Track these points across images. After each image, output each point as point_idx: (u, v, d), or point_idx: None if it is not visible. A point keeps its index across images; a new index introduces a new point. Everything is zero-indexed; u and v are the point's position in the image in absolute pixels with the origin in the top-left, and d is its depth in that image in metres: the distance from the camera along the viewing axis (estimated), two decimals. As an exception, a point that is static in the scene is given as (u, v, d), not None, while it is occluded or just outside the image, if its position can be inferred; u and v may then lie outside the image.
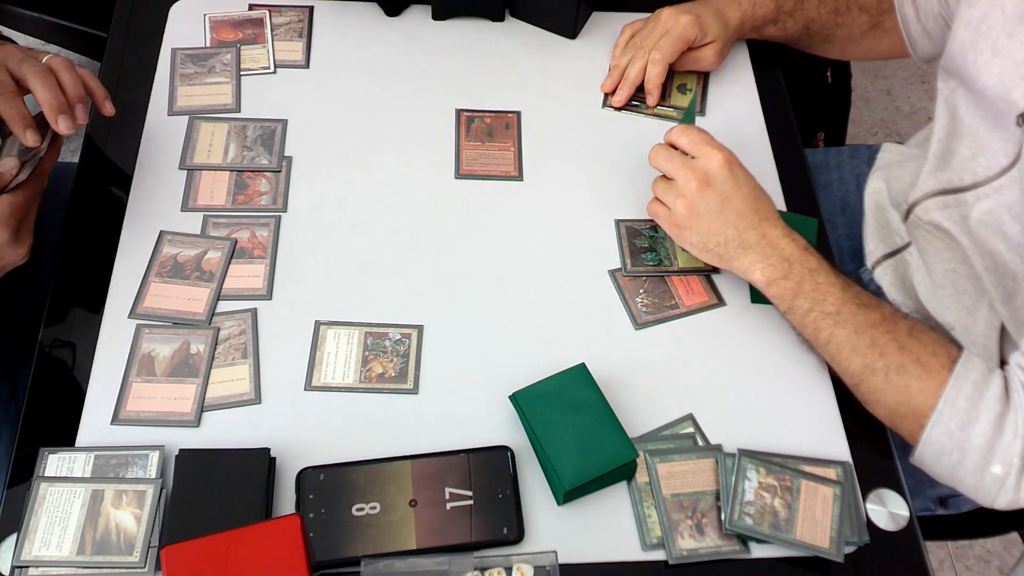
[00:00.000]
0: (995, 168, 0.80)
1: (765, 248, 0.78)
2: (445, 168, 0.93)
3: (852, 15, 0.99)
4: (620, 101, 0.97)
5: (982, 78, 0.80)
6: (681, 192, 0.79)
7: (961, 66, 0.83)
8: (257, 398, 0.76)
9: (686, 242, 0.82)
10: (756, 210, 0.79)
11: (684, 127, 0.82)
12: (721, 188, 0.78)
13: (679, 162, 0.80)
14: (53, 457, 0.71)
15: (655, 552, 0.71)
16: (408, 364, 0.79)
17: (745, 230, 0.78)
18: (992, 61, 0.79)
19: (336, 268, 0.85)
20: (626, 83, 0.97)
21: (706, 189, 0.78)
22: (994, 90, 0.79)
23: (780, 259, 0.77)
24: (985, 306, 0.85)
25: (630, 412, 0.77)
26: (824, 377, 0.81)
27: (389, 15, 1.05)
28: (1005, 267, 0.80)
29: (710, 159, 0.79)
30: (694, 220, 0.79)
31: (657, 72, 0.95)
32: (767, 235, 0.78)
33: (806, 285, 0.76)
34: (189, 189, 0.89)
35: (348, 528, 0.68)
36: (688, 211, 0.79)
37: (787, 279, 0.76)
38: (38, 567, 0.67)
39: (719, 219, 0.78)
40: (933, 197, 0.88)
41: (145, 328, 0.79)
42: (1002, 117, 0.79)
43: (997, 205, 0.80)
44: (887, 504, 0.74)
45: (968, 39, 0.82)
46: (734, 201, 0.78)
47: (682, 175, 0.79)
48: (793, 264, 0.77)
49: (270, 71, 0.99)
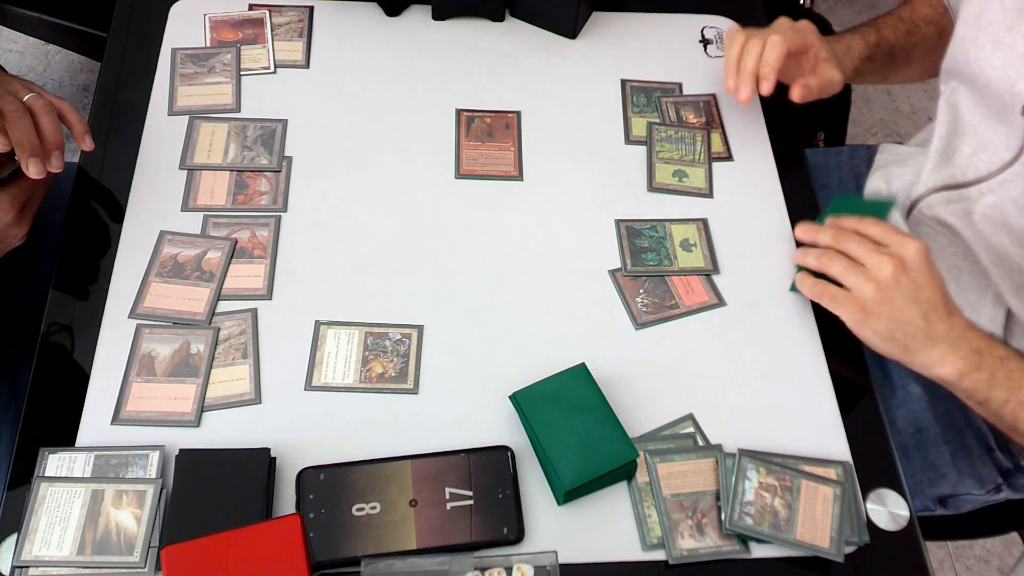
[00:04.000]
0: (998, 163, 0.81)
1: (954, 340, 0.74)
2: (445, 168, 0.93)
3: (921, 29, 0.97)
4: (745, 96, 0.87)
5: (985, 72, 0.80)
6: (873, 275, 0.74)
7: (963, 63, 0.83)
8: (257, 398, 0.76)
9: (869, 329, 0.76)
10: (945, 303, 0.75)
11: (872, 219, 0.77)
12: (916, 276, 0.74)
13: (872, 248, 0.75)
14: (53, 457, 0.71)
15: (655, 552, 0.71)
16: (408, 364, 0.79)
17: (935, 322, 0.74)
18: (993, 54, 0.79)
19: (336, 268, 0.85)
20: (744, 74, 0.87)
21: (902, 275, 0.73)
22: (998, 83, 0.79)
23: (970, 351, 0.73)
24: (989, 301, 0.85)
25: (630, 412, 0.77)
26: (824, 377, 0.81)
27: (389, 15, 1.05)
28: (1011, 260, 0.81)
29: (906, 246, 0.74)
30: (885, 306, 0.74)
31: (775, 56, 0.84)
32: (955, 327, 0.74)
33: (999, 375, 0.73)
34: (189, 189, 0.89)
35: (348, 528, 0.68)
36: (880, 295, 0.74)
37: (979, 371, 0.73)
38: (38, 567, 0.67)
39: (911, 308, 0.74)
40: (937, 193, 0.89)
41: (145, 328, 0.79)
42: (1006, 110, 0.79)
43: (1002, 199, 0.80)
44: (887, 504, 0.74)
45: (968, 35, 0.82)
46: (927, 291, 0.74)
47: (875, 259, 0.74)
48: (984, 355, 0.73)
49: (270, 71, 0.99)
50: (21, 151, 0.72)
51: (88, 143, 0.78)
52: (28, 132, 0.72)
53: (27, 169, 0.72)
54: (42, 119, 0.74)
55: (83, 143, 0.78)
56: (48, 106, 0.75)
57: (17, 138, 0.72)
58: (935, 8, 0.99)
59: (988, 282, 0.85)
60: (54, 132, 0.74)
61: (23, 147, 0.72)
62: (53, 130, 0.74)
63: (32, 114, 0.74)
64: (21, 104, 0.73)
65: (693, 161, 0.95)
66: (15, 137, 0.72)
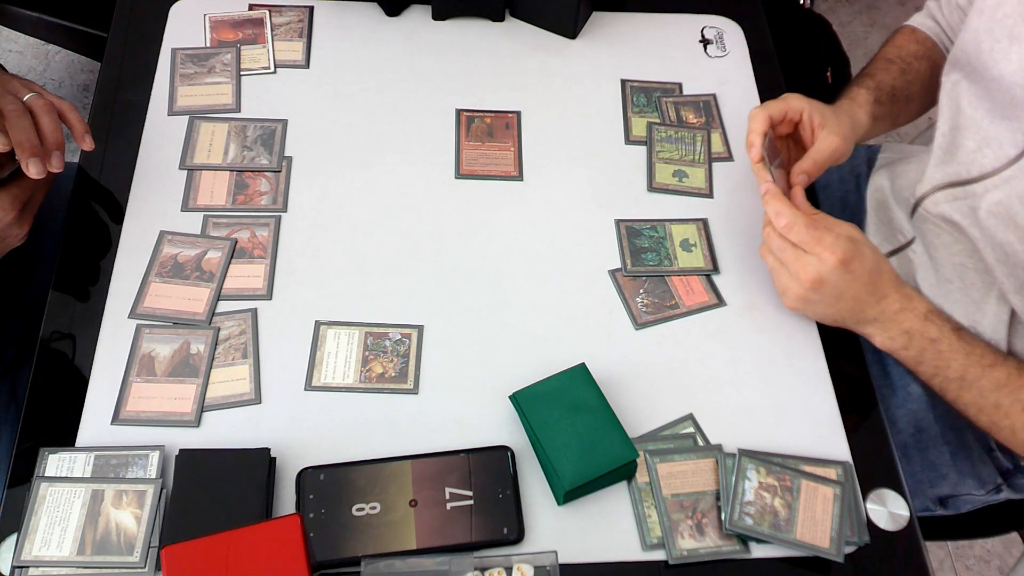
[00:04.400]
0: (1003, 159, 0.80)
1: (884, 323, 0.78)
2: (445, 168, 0.93)
3: (913, 66, 0.98)
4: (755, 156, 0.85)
5: (998, 66, 0.80)
6: (795, 278, 0.78)
7: (974, 55, 0.83)
8: (257, 398, 0.76)
9: (809, 313, 0.82)
10: (873, 292, 0.78)
11: (792, 221, 0.77)
12: (837, 282, 0.77)
13: (791, 255, 0.78)
14: (53, 457, 0.71)
15: (655, 552, 0.71)
16: (408, 364, 0.79)
17: (862, 310, 0.79)
18: (1010, 48, 0.79)
19: (336, 268, 0.85)
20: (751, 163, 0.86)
21: (821, 286, 0.77)
22: (1012, 77, 0.78)
23: (899, 332, 0.78)
24: (993, 299, 0.85)
25: (630, 412, 0.77)
26: (824, 377, 0.81)
27: (389, 15, 1.05)
28: (1017, 258, 0.81)
29: (823, 259, 0.76)
30: (808, 306, 0.80)
31: (757, 122, 0.85)
32: (886, 310, 0.78)
33: (927, 355, 0.78)
34: (189, 189, 0.89)
35: (348, 528, 0.68)
36: (801, 301, 0.80)
37: (907, 350, 0.78)
38: (38, 567, 0.67)
39: (834, 306, 0.79)
40: (942, 190, 0.88)
41: (145, 328, 0.79)
42: (1016, 106, 0.79)
43: (1008, 196, 0.80)
44: (887, 504, 0.75)
45: (983, 27, 0.82)
46: (850, 290, 0.77)
47: (795, 268, 0.78)
48: (912, 336, 0.78)
49: (270, 71, 0.99)
50: (21, 151, 0.72)
51: (88, 143, 0.78)
52: (28, 132, 0.72)
53: (27, 169, 0.72)
54: (42, 119, 0.74)
55: (83, 143, 0.78)
56: (48, 106, 0.75)
57: (17, 138, 0.72)
58: (923, 44, 0.99)
59: (993, 280, 0.85)
60: (54, 132, 0.74)
61: (23, 147, 0.72)
62: (53, 130, 0.74)
63: (32, 114, 0.74)
64: (21, 104, 0.73)
65: (693, 161, 0.95)
66: (15, 137, 0.72)
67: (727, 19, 1.09)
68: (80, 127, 0.78)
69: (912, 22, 1.02)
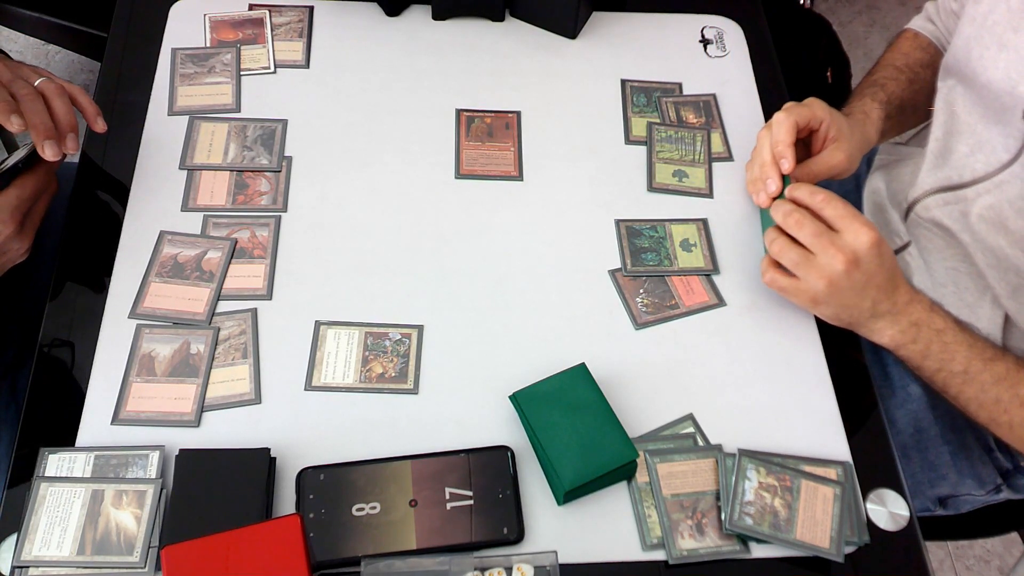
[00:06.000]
0: (995, 164, 0.81)
1: (896, 315, 0.78)
2: (445, 168, 0.93)
3: (921, 75, 0.98)
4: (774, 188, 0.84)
5: (987, 73, 0.80)
6: (824, 272, 0.76)
7: (964, 62, 0.83)
8: (257, 398, 0.76)
9: (818, 312, 0.81)
10: (892, 281, 0.78)
11: (829, 195, 0.77)
12: (867, 267, 0.76)
13: (826, 239, 0.76)
14: (53, 457, 0.71)
15: (655, 552, 0.71)
16: (408, 364, 0.79)
17: (880, 302, 0.78)
18: (998, 56, 0.79)
19: (336, 268, 0.85)
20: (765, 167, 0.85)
21: (854, 270, 0.75)
22: (1000, 84, 0.79)
23: (908, 324, 0.78)
24: (987, 303, 0.85)
25: (630, 412, 0.77)
26: (824, 377, 0.81)
27: (389, 15, 1.05)
28: (1008, 262, 0.81)
29: (859, 237, 0.75)
30: (834, 297, 0.77)
31: (784, 131, 0.84)
32: (898, 302, 0.78)
33: (934, 347, 0.78)
34: (189, 189, 0.89)
35: (348, 528, 0.68)
36: (830, 290, 0.76)
37: (915, 343, 0.78)
38: (38, 567, 0.67)
39: (860, 296, 0.77)
40: (933, 195, 0.89)
41: (145, 328, 0.79)
42: (1005, 112, 0.79)
43: (999, 200, 0.80)
44: (887, 504, 0.75)
45: (973, 34, 0.82)
46: (877, 279, 0.77)
47: (828, 254, 0.75)
48: (921, 328, 0.78)
49: (270, 71, 0.99)
50: (36, 133, 0.72)
51: (101, 124, 0.79)
52: (43, 115, 0.73)
53: (43, 152, 0.73)
54: (54, 102, 0.75)
55: (95, 125, 0.79)
56: (60, 89, 0.76)
57: (32, 121, 0.72)
58: (927, 51, 0.99)
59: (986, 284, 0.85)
60: (67, 114, 0.75)
61: (38, 129, 0.72)
62: (66, 112, 0.75)
63: (44, 98, 0.75)
64: (33, 88, 0.74)
65: (693, 161, 0.95)
66: (30, 120, 0.72)
67: (727, 19, 1.09)
68: (92, 109, 0.79)
69: (913, 26, 1.02)
